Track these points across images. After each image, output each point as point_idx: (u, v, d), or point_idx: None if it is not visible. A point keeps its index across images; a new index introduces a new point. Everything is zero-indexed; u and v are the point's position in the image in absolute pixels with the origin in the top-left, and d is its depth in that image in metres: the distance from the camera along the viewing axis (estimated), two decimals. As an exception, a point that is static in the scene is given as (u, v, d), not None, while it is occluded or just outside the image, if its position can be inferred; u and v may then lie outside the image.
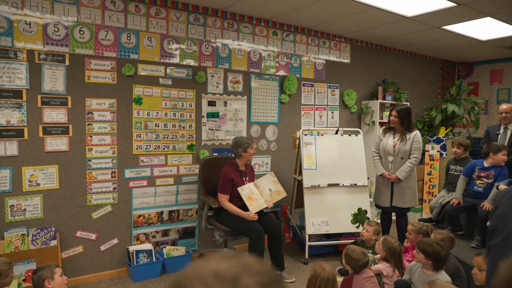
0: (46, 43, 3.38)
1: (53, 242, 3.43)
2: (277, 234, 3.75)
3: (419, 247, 2.65)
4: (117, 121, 3.74)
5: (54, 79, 3.44)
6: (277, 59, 4.77)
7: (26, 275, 3.23)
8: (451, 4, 3.90)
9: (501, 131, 4.56)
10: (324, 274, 2.29)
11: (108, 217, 3.76)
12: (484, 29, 4.78)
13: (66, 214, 3.56)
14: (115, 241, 3.81)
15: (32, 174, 3.40)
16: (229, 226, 3.74)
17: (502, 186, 3.76)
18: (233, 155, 3.94)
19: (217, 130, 4.35)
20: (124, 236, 3.86)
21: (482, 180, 3.97)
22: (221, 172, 3.84)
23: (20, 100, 3.31)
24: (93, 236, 3.70)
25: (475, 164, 4.04)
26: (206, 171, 4.05)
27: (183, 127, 4.11)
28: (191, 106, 4.14)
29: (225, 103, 4.39)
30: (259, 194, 3.86)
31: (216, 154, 4.34)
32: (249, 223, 3.63)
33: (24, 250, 3.27)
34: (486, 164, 3.97)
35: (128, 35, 3.74)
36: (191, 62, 4.12)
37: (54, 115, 3.45)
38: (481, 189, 3.96)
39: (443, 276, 2.62)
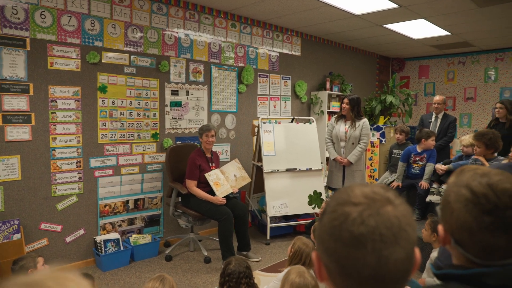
0: (4, 26, 3.20)
1: (17, 236, 3.29)
2: (244, 217, 3.94)
3: None
4: (82, 109, 3.65)
5: (14, 65, 3.26)
6: (235, 51, 4.91)
7: (-9, 270, 3.08)
8: (394, 5, 4.35)
9: (433, 119, 5.18)
10: (308, 249, 2.44)
11: (73, 207, 3.67)
12: (417, 29, 5.36)
13: (30, 206, 3.42)
14: (81, 232, 3.74)
15: (-7, 165, 3.22)
16: (198, 211, 3.85)
17: (440, 167, 4.31)
18: (199, 143, 4.04)
19: (180, 119, 4.40)
20: (90, 227, 3.79)
21: (417, 164, 4.51)
22: (188, 158, 3.93)
23: (-22, 86, 3.11)
24: (58, 228, 3.59)
25: (410, 150, 4.57)
26: (172, 159, 4.10)
27: (147, 116, 4.11)
28: (155, 95, 4.15)
29: (187, 93, 4.44)
30: (225, 180, 4.01)
31: (180, 142, 4.39)
32: (218, 207, 3.78)
33: (-12, 244, 3.11)
34: (419, 149, 4.52)
35: (92, 21, 3.65)
36: (155, 51, 4.12)
37: (15, 102, 3.29)
38: (417, 171, 4.50)
39: None
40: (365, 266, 0.67)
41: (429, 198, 4.21)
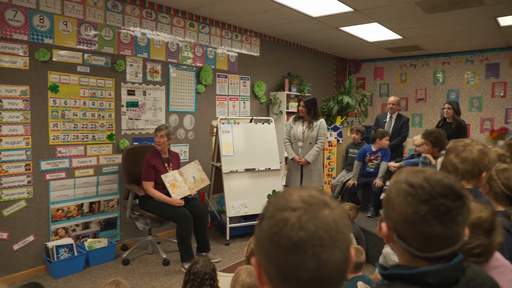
0: None
1: (-41, 244, 3.09)
2: (202, 218, 3.93)
3: None
4: (31, 109, 3.48)
5: (-46, 63, 3.06)
6: (193, 50, 4.87)
7: None
8: (349, 9, 4.47)
9: (387, 119, 5.38)
10: None
11: (22, 213, 3.49)
12: (372, 32, 5.55)
13: (-27, 212, 3.22)
14: (31, 238, 3.56)
15: None
16: (156, 213, 3.79)
17: (392, 164, 4.49)
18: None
19: (137, 119, 4.31)
20: (41, 232, 3.63)
21: (372, 162, 4.68)
22: (144, 160, 3.86)
23: None
24: (4, 235, 3.41)
25: (366, 149, 4.74)
26: (129, 160, 4.01)
27: (103, 116, 3.99)
28: (110, 95, 4.04)
29: (144, 93, 4.36)
30: (183, 181, 3.96)
31: (137, 143, 4.31)
32: (176, 209, 3.73)
33: None
34: (374, 148, 4.69)
35: (41, 17, 3.48)
36: (110, 50, 4.00)
37: (-44, 102, 3.08)
38: (372, 169, 4.67)
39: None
40: (305, 270, 0.68)
41: (383, 195, 4.37)
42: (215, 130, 4.89)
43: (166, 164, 3.95)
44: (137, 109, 4.31)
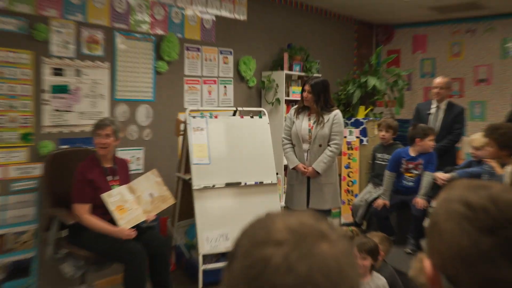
0: None
1: None
2: (163, 256, 3.89)
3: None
4: None
5: None
6: (151, 12, 4.86)
7: None
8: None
9: (433, 110, 5.38)
10: None
11: None
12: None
13: None
14: None
15: None
16: (94, 250, 3.74)
17: (440, 176, 4.46)
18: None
19: (67, 111, 4.29)
20: None
21: (411, 173, 4.66)
22: (75, 171, 3.82)
23: None
24: None
25: (400, 154, 4.72)
26: (54, 172, 3.98)
27: (14, 107, 3.97)
28: (26, 75, 4.02)
29: (78, 72, 4.35)
30: (135, 201, 3.93)
31: (67, 146, 4.28)
32: (124, 243, 3.68)
33: None
34: (412, 152, 4.67)
35: None
36: (26, 9, 3.98)
37: None
38: (411, 183, 4.66)
39: (378, 279, 3.24)
40: None
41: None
42: (182, 127, 4.86)
43: (109, 177, 3.92)
44: (67, 96, 4.27)
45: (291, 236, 0.73)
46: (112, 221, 3.77)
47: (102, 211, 3.79)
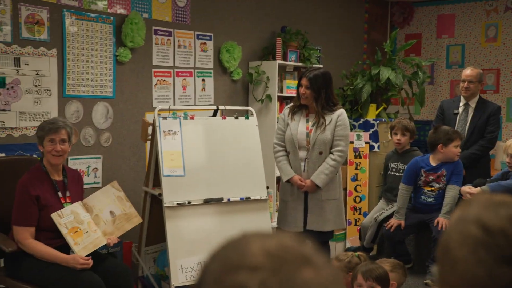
0: None
1: None
2: (125, 290, 3.91)
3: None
4: None
5: None
6: (109, -15, 4.89)
7: None
8: None
9: (461, 109, 5.43)
10: None
11: None
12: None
13: None
14: None
15: None
16: (38, 283, 3.74)
17: (468, 190, 4.49)
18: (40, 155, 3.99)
19: (3, 111, 4.31)
20: None
21: (431, 187, 4.71)
22: (16, 186, 3.83)
23: None
24: None
25: (418, 163, 4.75)
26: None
27: None
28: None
29: (17, 61, 4.37)
30: (92, 222, 3.94)
31: (3, 154, 4.30)
32: (78, 274, 3.69)
33: None
34: (433, 161, 4.71)
35: None
36: None
37: None
38: (432, 198, 4.70)
39: None
40: None
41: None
42: (150, 130, 4.89)
43: (59, 193, 3.93)
44: (3, 91, 4.29)
45: (269, 261, 0.74)
46: (61, 248, 3.78)
47: (49, 236, 3.80)
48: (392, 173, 5.10)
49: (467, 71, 5.42)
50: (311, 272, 0.74)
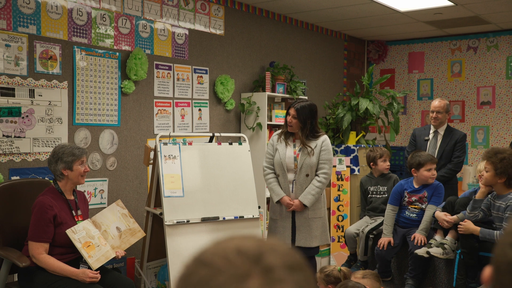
0: None
1: None
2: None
3: None
4: None
5: None
6: (115, 24, 4.89)
7: None
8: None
9: (431, 136, 5.46)
10: None
11: None
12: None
13: None
14: None
15: None
16: (49, 295, 3.68)
17: (444, 217, 4.40)
18: (52, 178, 3.91)
19: (18, 137, 4.27)
20: None
21: (416, 205, 4.68)
22: (34, 205, 3.74)
23: None
24: None
25: (403, 186, 4.74)
26: (2, 208, 3.90)
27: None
28: (-31, 95, 4.04)
29: (32, 92, 4.35)
30: (102, 237, 3.90)
31: (18, 177, 4.25)
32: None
33: None
34: (416, 184, 4.70)
35: None
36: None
37: None
38: (414, 215, 4.67)
39: None
40: None
41: (420, 251, 4.31)
42: (152, 155, 4.85)
43: (73, 212, 3.89)
44: (18, 119, 4.25)
45: (221, 262, 0.76)
46: (71, 262, 3.72)
47: (61, 251, 3.75)
48: (374, 195, 5.12)
49: (435, 103, 5.45)
50: (256, 284, 0.73)
